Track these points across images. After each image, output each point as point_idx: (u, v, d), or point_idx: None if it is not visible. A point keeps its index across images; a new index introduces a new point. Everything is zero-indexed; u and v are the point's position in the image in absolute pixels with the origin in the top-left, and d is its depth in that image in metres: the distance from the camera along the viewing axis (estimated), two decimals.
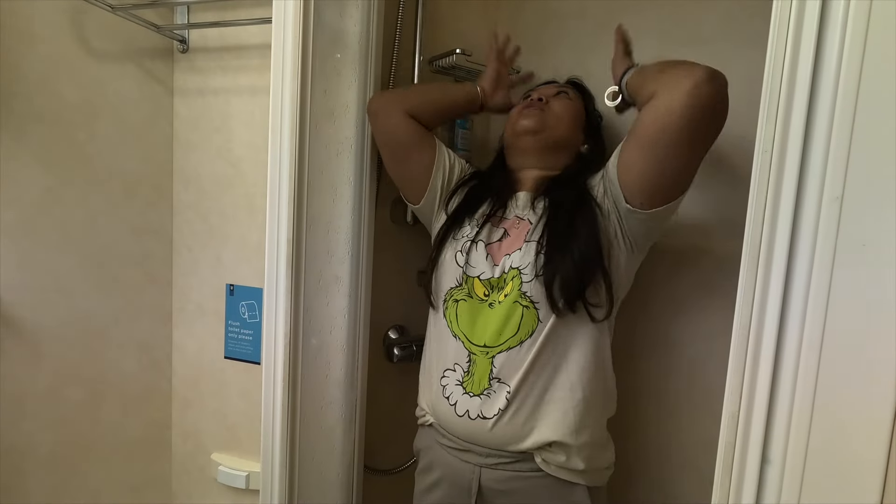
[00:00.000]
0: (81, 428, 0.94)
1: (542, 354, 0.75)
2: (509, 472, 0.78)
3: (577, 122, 0.88)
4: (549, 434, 0.75)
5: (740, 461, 0.41)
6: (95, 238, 0.92)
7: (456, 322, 0.80)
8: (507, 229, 0.81)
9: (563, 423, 0.75)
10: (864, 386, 0.36)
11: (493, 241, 0.81)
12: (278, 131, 0.77)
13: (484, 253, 0.79)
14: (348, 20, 0.81)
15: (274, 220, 0.79)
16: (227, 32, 0.94)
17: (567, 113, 0.87)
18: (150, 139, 0.98)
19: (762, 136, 0.40)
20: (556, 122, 0.86)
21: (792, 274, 0.39)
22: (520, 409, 0.76)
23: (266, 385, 0.82)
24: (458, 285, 0.80)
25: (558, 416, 0.75)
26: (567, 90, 0.91)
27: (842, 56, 0.36)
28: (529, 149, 0.86)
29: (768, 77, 0.40)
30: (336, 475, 0.91)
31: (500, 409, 0.76)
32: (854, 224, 0.36)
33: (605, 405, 0.82)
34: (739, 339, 0.41)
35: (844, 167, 0.36)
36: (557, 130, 0.86)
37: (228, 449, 1.04)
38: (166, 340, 1.05)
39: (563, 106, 0.88)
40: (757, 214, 0.40)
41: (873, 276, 0.36)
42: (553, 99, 0.88)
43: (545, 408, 0.76)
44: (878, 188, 0.36)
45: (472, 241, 0.81)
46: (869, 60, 0.36)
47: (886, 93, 0.35)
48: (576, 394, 0.76)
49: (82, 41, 0.87)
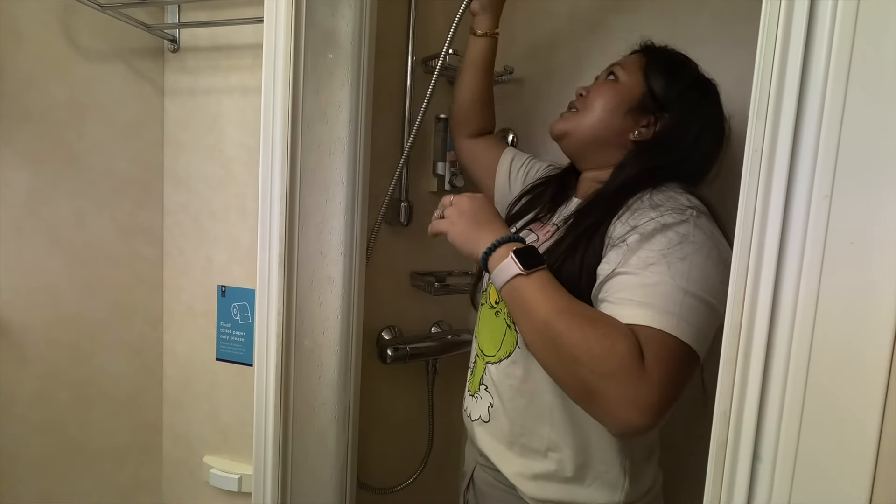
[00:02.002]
0: (70, 431, 0.93)
1: (515, 380, 0.70)
2: (492, 479, 0.78)
3: (620, 107, 0.72)
4: (522, 468, 0.70)
5: (732, 459, 0.41)
6: (84, 239, 0.91)
7: (477, 324, 0.83)
8: (539, 237, 0.75)
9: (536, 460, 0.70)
10: (854, 387, 0.37)
11: None
12: (270, 131, 0.76)
13: None
14: (340, 20, 0.81)
15: (266, 220, 0.78)
16: (218, 32, 0.93)
17: (600, 101, 0.74)
18: (139, 139, 0.97)
19: (752, 135, 0.40)
20: (580, 120, 0.74)
21: (782, 271, 0.39)
22: (499, 429, 0.73)
23: (258, 387, 0.82)
24: (485, 290, 0.81)
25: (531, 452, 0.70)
26: (618, 68, 0.75)
27: (830, 55, 0.37)
28: (568, 154, 0.80)
29: (758, 76, 0.40)
30: (329, 477, 0.90)
31: (481, 417, 0.77)
32: (843, 221, 0.37)
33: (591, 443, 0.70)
34: (730, 339, 0.41)
35: (833, 165, 0.37)
36: (582, 130, 0.74)
37: (220, 451, 1.03)
38: (157, 342, 1.04)
39: (597, 94, 0.74)
40: (747, 213, 0.40)
41: (862, 275, 0.36)
42: (595, 87, 0.76)
43: (519, 439, 0.71)
44: (866, 186, 0.36)
45: None
46: (857, 59, 0.36)
47: (874, 91, 0.36)
48: (550, 433, 0.68)
49: (71, 40, 0.86)
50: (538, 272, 0.58)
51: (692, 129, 0.71)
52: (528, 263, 0.57)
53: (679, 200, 0.62)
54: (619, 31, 1.00)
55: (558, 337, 0.54)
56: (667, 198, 0.63)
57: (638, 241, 0.58)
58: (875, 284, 0.36)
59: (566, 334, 0.53)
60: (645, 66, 0.74)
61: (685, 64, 0.75)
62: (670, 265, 0.55)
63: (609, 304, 0.56)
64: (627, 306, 0.54)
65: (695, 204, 0.62)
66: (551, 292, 0.56)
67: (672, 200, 0.62)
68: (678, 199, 0.63)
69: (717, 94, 0.75)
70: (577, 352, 0.52)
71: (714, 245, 0.58)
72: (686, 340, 0.52)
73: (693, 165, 0.72)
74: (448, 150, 1.14)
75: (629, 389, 0.50)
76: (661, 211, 0.60)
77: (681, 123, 0.71)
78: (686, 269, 0.54)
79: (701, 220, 0.60)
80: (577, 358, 0.52)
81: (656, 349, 0.51)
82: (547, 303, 0.55)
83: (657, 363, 0.50)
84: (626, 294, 0.55)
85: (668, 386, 0.50)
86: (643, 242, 0.57)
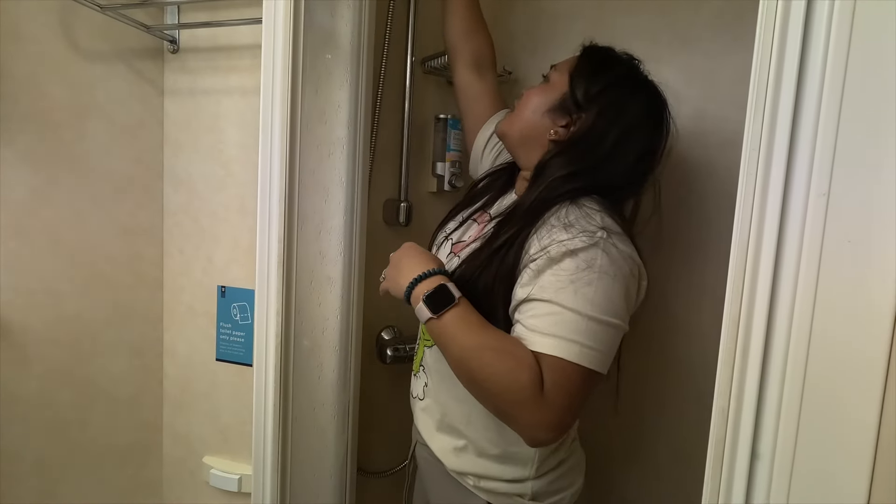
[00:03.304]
0: (71, 431, 0.93)
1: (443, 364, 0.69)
2: (427, 454, 0.82)
3: (541, 106, 0.72)
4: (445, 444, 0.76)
5: (730, 456, 0.41)
6: (84, 239, 0.91)
7: None
8: (477, 229, 0.79)
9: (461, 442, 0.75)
10: (852, 383, 0.37)
11: (462, 241, 0.80)
12: (268, 131, 0.77)
13: (448, 250, 0.81)
14: (339, 20, 0.81)
15: (265, 220, 0.78)
16: (217, 33, 0.93)
17: (527, 102, 0.75)
18: (139, 140, 0.97)
19: (749, 134, 0.40)
20: (511, 120, 0.77)
21: (780, 268, 0.39)
22: (430, 407, 0.79)
23: (257, 387, 0.82)
24: None
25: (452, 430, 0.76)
26: (553, 69, 0.76)
27: (826, 54, 0.37)
28: (509, 152, 0.82)
29: (755, 76, 0.40)
30: (329, 477, 0.90)
31: (418, 396, 0.82)
32: (840, 219, 0.37)
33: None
34: (728, 335, 0.41)
35: (830, 163, 0.37)
36: (512, 130, 0.76)
37: (220, 452, 1.03)
38: (157, 342, 1.04)
39: (527, 95, 0.76)
40: (745, 211, 0.40)
41: (860, 272, 0.36)
42: (528, 89, 0.77)
43: (445, 418, 0.77)
44: (863, 184, 0.36)
45: (446, 236, 0.83)
46: (853, 59, 0.36)
47: (871, 91, 0.36)
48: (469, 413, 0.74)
49: (71, 41, 0.87)
50: (449, 312, 0.63)
51: (611, 133, 0.68)
52: (438, 306, 0.63)
53: (591, 220, 0.64)
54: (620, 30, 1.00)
55: (471, 372, 0.61)
56: (580, 216, 0.65)
57: (547, 262, 0.62)
58: (873, 281, 0.36)
59: (477, 370, 0.60)
60: (573, 65, 0.73)
61: (617, 64, 0.72)
62: (576, 291, 0.59)
63: (522, 327, 0.62)
64: (536, 334, 0.60)
65: (606, 224, 0.64)
66: (462, 330, 0.62)
67: (585, 220, 0.64)
68: (591, 219, 0.64)
69: (655, 101, 0.72)
70: (488, 384, 0.60)
71: (619, 267, 0.62)
72: (586, 365, 0.58)
73: (614, 177, 0.69)
74: (448, 150, 1.14)
75: (534, 414, 0.58)
76: (573, 233, 0.62)
77: (598, 124, 0.68)
78: (591, 294, 0.59)
79: (609, 243, 0.62)
80: (489, 390, 0.60)
81: (556, 377, 0.58)
82: (458, 341, 0.62)
83: (556, 389, 0.58)
84: (535, 322, 0.61)
85: (567, 408, 0.58)
86: (552, 264, 0.62)
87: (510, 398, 0.58)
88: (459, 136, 1.15)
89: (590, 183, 0.69)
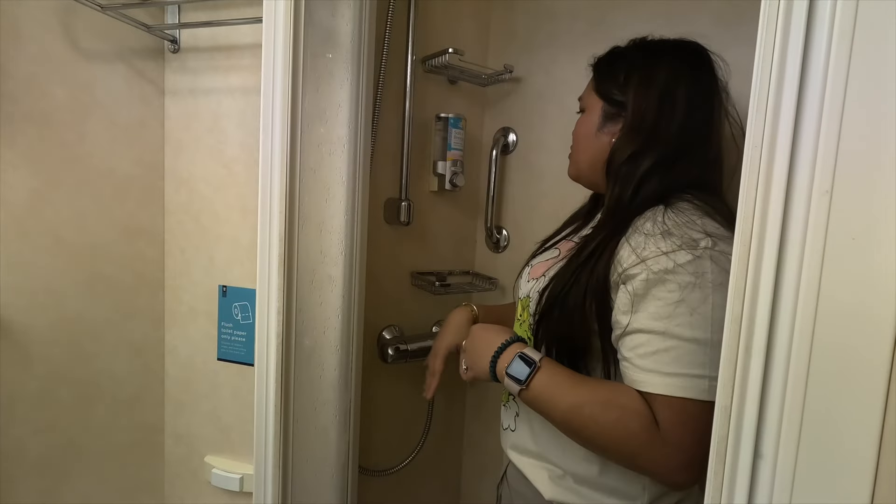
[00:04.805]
0: (72, 431, 0.93)
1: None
2: (521, 476, 0.79)
3: (591, 130, 0.73)
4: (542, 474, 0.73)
5: (733, 455, 0.41)
6: (86, 239, 0.91)
7: None
8: (561, 250, 0.74)
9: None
10: (856, 381, 0.37)
11: (540, 261, 0.76)
12: (269, 131, 0.76)
13: (525, 278, 0.77)
14: (340, 19, 0.81)
15: (266, 220, 0.78)
16: (218, 32, 0.93)
17: (577, 137, 0.76)
18: (140, 140, 0.97)
19: (752, 131, 0.40)
20: (575, 160, 0.77)
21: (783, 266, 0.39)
22: (521, 438, 0.76)
23: (259, 386, 0.82)
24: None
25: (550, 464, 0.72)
26: (581, 99, 0.77)
27: (830, 49, 0.37)
28: (589, 188, 0.80)
29: (757, 72, 0.40)
30: (330, 477, 0.90)
31: (509, 427, 0.80)
32: (844, 217, 0.36)
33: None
34: (731, 332, 0.41)
35: (834, 160, 0.37)
36: (580, 166, 0.75)
37: (222, 451, 1.03)
38: (158, 342, 1.04)
39: (576, 133, 0.76)
40: (747, 209, 0.40)
41: (863, 270, 0.36)
42: (575, 129, 0.77)
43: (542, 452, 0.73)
44: (867, 181, 0.36)
45: (528, 260, 0.81)
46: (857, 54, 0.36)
47: (875, 86, 0.35)
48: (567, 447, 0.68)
49: (71, 41, 0.87)
50: (535, 379, 0.61)
51: (652, 98, 0.65)
52: (523, 376, 0.62)
53: (693, 227, 0.58)
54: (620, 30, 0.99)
55: (578, 432, 0.59)
56: (680, 222, 0.59)
57: (649, 284, 0.56)
58: (877, 279, 0.36)
59: (582, 429, 0.58)
60: (594, 81, 0.74)
61: (626, 51, 0.73)
62: (692, 313, 0.54)
63: (628, 366, 0.58)
64: (642, 373, 0.56)
65: (709, 230, 0.58)
66: (555, 393, 0.60)
67: (686, 227, 0.58)
68: (693, 225, 0.58)
69: (680, 52, 0.69)
70: (599, 440, 0.58)
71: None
72: (700, 398, 0.54)
73: (678, 139, 0.64)
74: (449, 149, 1.14)
75: (658, 460, 0.54)
76: (674, 242, 0.57)
77: (638, 103, 0.67)
78: (708, 312, 0.54)
79: (717, 250, 0.56)
80: (602, 445, 0.58)
81: (671, 415, 0.54)
82: (554, 405, 0.60)
83: (673, 428, 0.54)
84: (642, 362, 0.56)
85: (697, 444, 0.52)
86: (656, 286, 0.56)
87: (627, 451, 0.56)
88: (460, 135, 1.15)
89: (659, 158, 0.64)
